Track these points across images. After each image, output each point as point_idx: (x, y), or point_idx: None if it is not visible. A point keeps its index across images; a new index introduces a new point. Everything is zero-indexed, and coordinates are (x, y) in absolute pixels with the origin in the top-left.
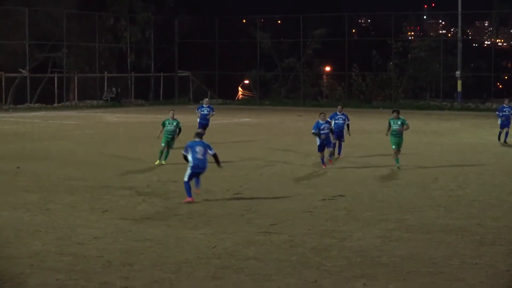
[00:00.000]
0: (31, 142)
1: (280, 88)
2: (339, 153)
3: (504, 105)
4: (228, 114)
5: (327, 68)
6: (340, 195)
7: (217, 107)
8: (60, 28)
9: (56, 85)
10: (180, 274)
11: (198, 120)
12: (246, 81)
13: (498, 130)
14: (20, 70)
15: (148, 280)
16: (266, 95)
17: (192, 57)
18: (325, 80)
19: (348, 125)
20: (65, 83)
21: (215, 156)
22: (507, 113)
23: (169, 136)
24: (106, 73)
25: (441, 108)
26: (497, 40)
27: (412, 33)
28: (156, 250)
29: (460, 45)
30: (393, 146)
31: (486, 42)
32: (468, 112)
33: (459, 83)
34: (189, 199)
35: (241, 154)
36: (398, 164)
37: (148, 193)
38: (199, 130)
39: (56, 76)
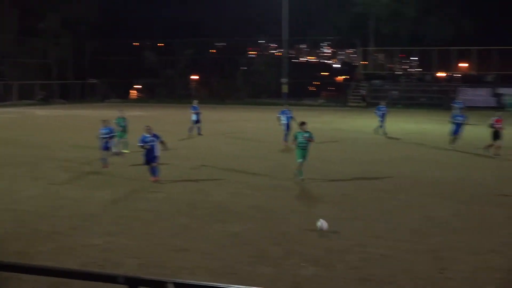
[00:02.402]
0: None
1: (162, 91)
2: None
3: (380, 105)
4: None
5: (195, 77)
6: (203, 165)
7: (117, 104)
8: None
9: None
10: (90, 222)
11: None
12: (138, 86)
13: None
14: None
15: (68, 226)
16: (152, 96)
17: (100, 69)
18: (193, 85)
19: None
20: (7, 88)
21: (162, 143)
22: (382, 111)
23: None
24: (37, 81)
25: (272, 104)
26: (310, 57)
27: (255, 52)
28: (73, 205)
29: (285, 60)
30: (299, 159)
31: (302, 59)
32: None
33: (285, 87)
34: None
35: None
36: (301, 177)
37: (72, 166)
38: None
39: (2, 83)
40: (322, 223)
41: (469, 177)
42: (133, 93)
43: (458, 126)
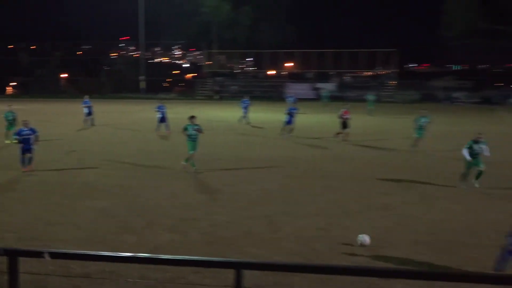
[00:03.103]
0: None
1: (35, 88)
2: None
3: (244, 99)
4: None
5: (64, 75)
6: (73, 150)
7: None
8: None
9: None
10: None
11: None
12: (14, 83)
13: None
14: None
15: None
16: (26, 92)
17: None
18: (63, 83)
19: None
20: None
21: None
22: (246, 104)
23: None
24: None
25: (131, 98)
26: (165, 59)
27: (116, 53)
28: None
29: (142, 61)
30: (191, 151)
31: (157, 59)
32: (151, 100)
33: (142, 83)
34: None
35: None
36: (195, 167)
37: None
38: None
39: None
40: (363, 238)
41: (298, 156)
42: (9, 90)
43: (291, 116)
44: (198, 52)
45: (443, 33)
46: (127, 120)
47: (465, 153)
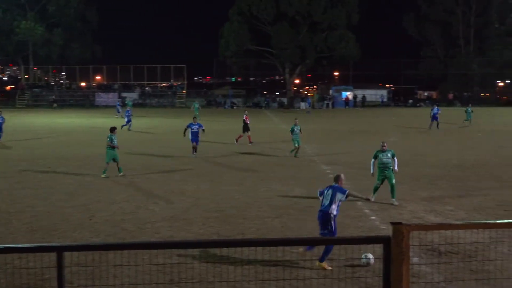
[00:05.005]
0: None
1: None
2: None
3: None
4: None
5: None
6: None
7: None
8: None
9: None
10: None
11: None
12: None
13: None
14: None
15: None
16: None
17: None
18: None
19: None
20: None
21: None
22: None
23: None
24: None
25: None
26: None
27: None
28: None
29: None
30: (107, 160)
31: None
32: None
33: None
34: None
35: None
36: (121, 173)
37: None
38: None
39: None
40: (368, 257)
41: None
42: None
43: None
44: (16, 67)
45: (221, 52)
46: None
47: (371, 164)
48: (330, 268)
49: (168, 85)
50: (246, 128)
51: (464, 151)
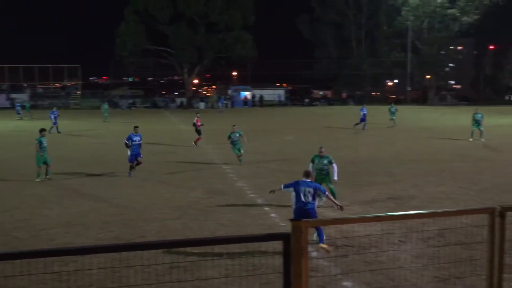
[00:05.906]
0: None
1: None
2: None
3: (53, 110)
4: None
5: None
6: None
7: None
8: None
9: None
10: None
11: None
12: None
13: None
14: None
15: None
16: None
17: None
18: None
19: None
20: None
21: None
22: (55, 115)
23: None
24: None
25: None
26: None
27: None
28: None
29: None
30: (39, 164)
31: None
32: None
33: None
34: None
35: None
36: (48, 176)
37: None
38: None
39: None
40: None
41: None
42: None
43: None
44: None
45: (118, 51)
46: None
47: (310, 168)
48: (331, 249)
49: (61, 85)
50: (198, 131)
51: (360, 147)
